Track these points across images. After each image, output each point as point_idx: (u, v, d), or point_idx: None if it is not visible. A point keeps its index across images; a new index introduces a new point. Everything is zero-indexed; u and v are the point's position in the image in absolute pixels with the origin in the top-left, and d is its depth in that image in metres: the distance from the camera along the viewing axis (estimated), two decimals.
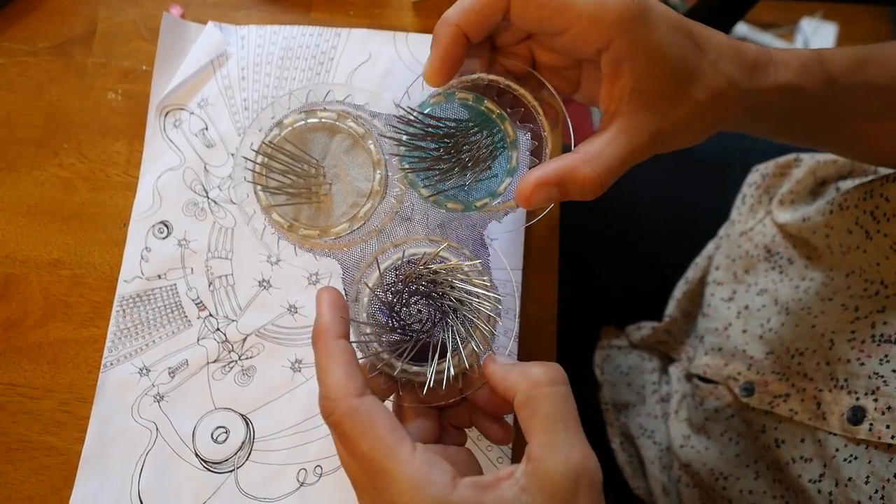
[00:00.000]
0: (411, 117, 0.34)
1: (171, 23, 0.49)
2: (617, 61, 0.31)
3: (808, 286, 0.52)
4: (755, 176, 0.65)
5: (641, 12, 0.30)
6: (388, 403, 0.34)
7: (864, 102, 0.38)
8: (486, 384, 0.33)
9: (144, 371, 0.45)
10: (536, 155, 0.35)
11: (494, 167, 0.35)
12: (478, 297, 0.33)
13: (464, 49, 0.33)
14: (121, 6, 0.51)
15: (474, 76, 0.36)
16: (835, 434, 0.41)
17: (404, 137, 0.34)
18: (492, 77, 0.36)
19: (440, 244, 0.35)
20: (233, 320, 0.46)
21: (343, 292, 0.33)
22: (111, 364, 0.45)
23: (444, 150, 0.34)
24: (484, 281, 0.34)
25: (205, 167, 0.48)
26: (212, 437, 0.44)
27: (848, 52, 0.37)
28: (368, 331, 0.34)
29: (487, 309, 0.33)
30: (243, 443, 0.44)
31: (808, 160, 0.60)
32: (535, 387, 0.29)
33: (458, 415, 0.36)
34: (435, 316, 0.34)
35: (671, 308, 0.67)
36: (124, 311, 0.45)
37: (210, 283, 0.46)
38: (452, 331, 0.33)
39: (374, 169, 0.35)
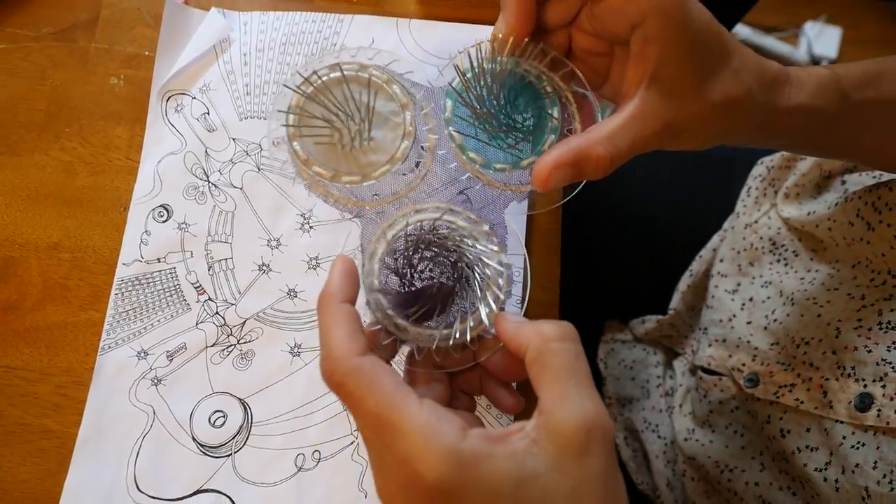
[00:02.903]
0: (485, 52, 0.33)
1: (175, 9, 0.49)
2: (646, 41, 0.32)
3: (813, 277, 0.52)
4: (760, 168, 0.64)
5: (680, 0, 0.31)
6: (400, 370, 0.33)
7: (876, 117, 0.38)
8: (500, 349, 0.33)
9: (142, 354, 0.44)
10: None
11: (524, 144, 0.35)
12: (490, 260, 0.33)
13: (534, 6, 0.33)
14: None
15: (512, 58, 0.35)
16: (841, 422, 0.41)
17: (468, 75, 0.33)
18: (526, 66, 0.35)
19: (459, 212, 0.34)
20: (232, 304, 0.45)
21: (360, 263, 0.33)
22: (109, 347, 0.44)
23: (490, 105, 0.34)
24: (495, 247, 0.33)
25: (206, 151, 0.48)
26: (209, 421, 0.43)
27: (861, 66, 0.38)
28: (377, 286, 0.33)
29: (500, 272, 0.33)
30: (241, 427, 0.43)
31: None
32: (547, 342, 0.28)
33: (470, 380, 0.35)
34: (452, 275, 0.33)
35: (675, 301, 0.66)
36: (123, 294, 0.45)
37: (210, 267, 0.46)
38: (469, 288, 0.33)
39: (403, 110, 0.34)
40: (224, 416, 0.43)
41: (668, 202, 0.72)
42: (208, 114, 0.48)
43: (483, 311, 0.32)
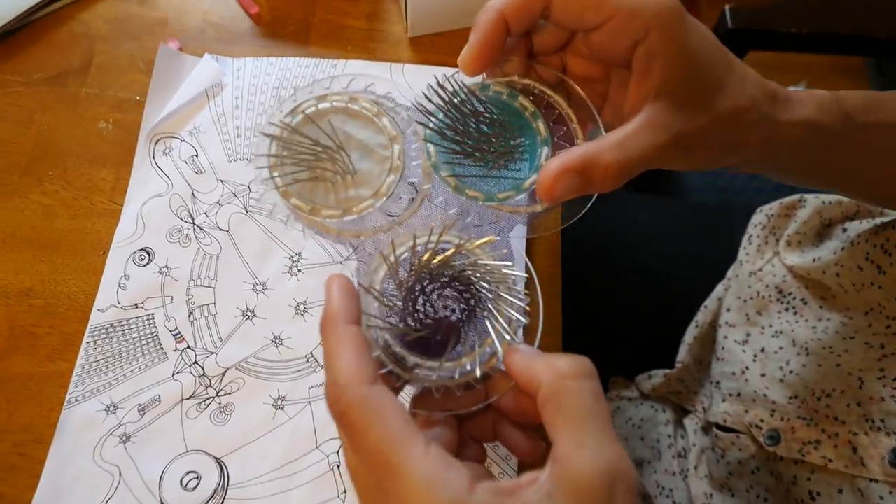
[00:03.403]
0: (448, 85, 0.32)
1: (167, 54, 0.49)
2: (650, 56, 0.31)
3: (826, 326, 0.49)
4: (760, 217, 0.63)
5: (679, 12, 0.31)
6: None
7: (880, 141, 0.37)
8: (513, 387, 0.30)
9: (111, 408, 0.41)
10: None
11: (520, 164, 0.33)
12: (500, 287, 0.30)
13: (503, 39, 0.32)
14: (119, 41, 0.52)
15: (507, 79, 0.34)
16: (876, 481, 0.37)
17: (432, 106, 0.32)
18: (525, 81, 0.34)
19: (463, 238, 0.31)
20: (212, 353, 0.42)
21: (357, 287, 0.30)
22: (76, 400, 0.41)
23: (467, 135, 0.33)
24: (509, 262, 0.31)
25: (192, 193, 0.46)
26: (181, 483, 0.39)
27: (861, 93, 0.37)
28: (375, 315, 0.30)
29: (513, 303, 0.30)
30: (216, 490, 0.39)
31: (813, 200, 0.59)
32: (561, 379, 0.26)
33: (481, 425, 0.32)
34: (460, 305, 0.31)
35: (682, 354, 0.63)
36: (95, 342, 0.42)
37: (190, 314, 0.43)
38: (479, 318, 0.30)
39: (392, 143, 0.33)
40: (197, 478, 0.39)
41: (666, 253, 0.71)
42: (197, 156, 0.47)
43: (496, 340, 0.29)
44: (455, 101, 0.32)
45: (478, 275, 0.30)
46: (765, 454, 0.47)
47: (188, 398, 0.41)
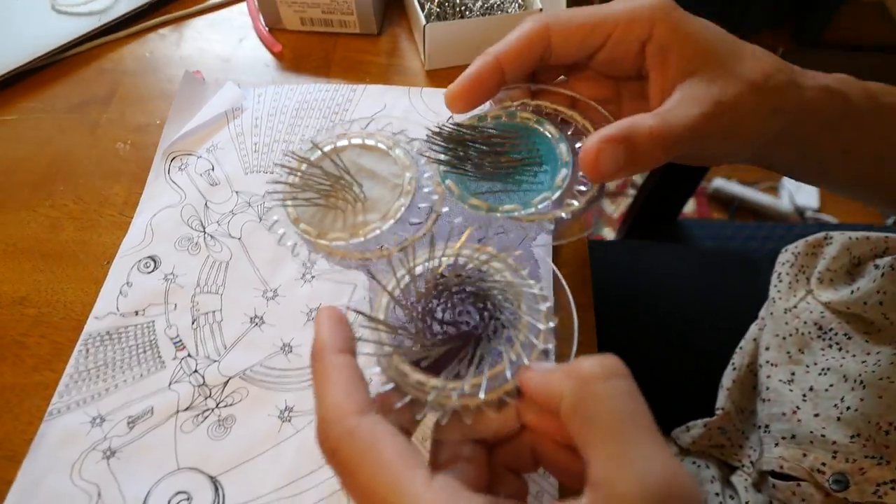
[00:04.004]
0: (446, 128, 0.32)
1: (190, 79, 0.50)
2: (663, 49, 0.32)
3: (878, 359, 0.46)
4: (786, 255, 0.62)
5: (672, 3, 0.32)
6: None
7: None
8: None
9: (97, 420, 0.36)
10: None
11: (541, 176, 0.33)
12: (518, 303, 0.27)
13: (495, 83, 0.33)
14: (144, 74, 0.53)
15: (517, 103, 0.35)
16: None
17: (438, 142, 0.32)
18: (537, 102, 0.35)
19: (479, 248, 0.29)
20: (215, 361, 0.38)
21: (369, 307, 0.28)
22: (58, 412, 0.36)
23: (475, 154, 0.33)
24: (530, 281, 0.28)
25: (206, 204, 0.45)
26: None
27: (878, 84, 0.38)
28: (385, 332, 0.27)
29: (537, 309, 0.27)
30: None
31: (839, 236, 0.57)
32: (585, 385, 0.21)
33: (517, 452, 0.26)
34: (480, 320, 0.28)
35: (722, 399, 0.58)
36: (88, 350, 0.39)
37: (194, 321, 0.40)
38: (501, 334, 0.26)
39: (404, 171, 0.33)
40: (188, 499, 0.34)
41: (688, 300, 0.69)
42: (213, 170, 0.46)
43: (506, 359, 0.25)
44: (454, 136, 0.33)
45: (495, 290, 0.28)
46: (833, 502, 0.42)
47: (184, 410, 0.37)
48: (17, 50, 0.52)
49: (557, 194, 0.32)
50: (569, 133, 0.34)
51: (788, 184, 1.65)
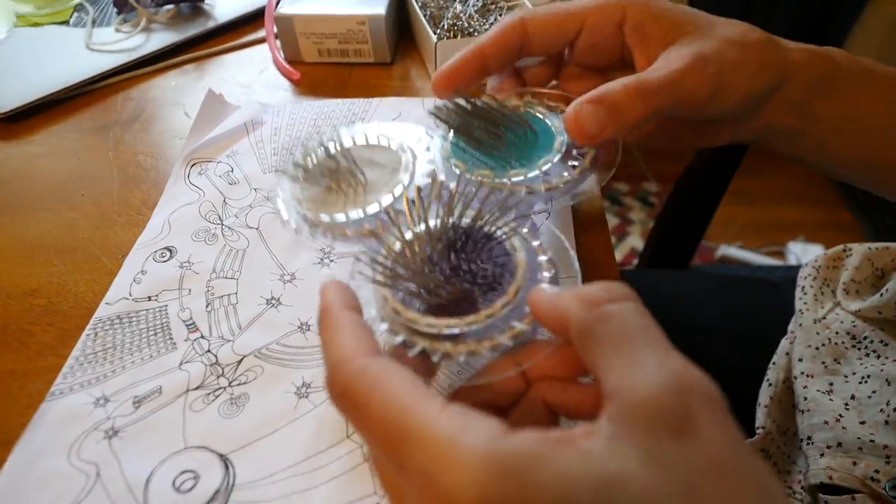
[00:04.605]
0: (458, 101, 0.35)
1: (213, 97, 0.52)
2: (640, 26, 0.34)
3: None
4: (808, 269, 0.61)
5: None
6: None
7: (893, 95, 0.37)
8: (552, 346, 0.25)
9: (101, 401, 0.34)
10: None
11: (536, 150, 0.35)
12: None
13: (476, 69, 0.36)
14: (168, 102, 0.56)
15: (520, 91, 0.38)
16: None
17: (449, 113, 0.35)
18: (523, 89, 0.38)
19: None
20: (229, 340, 0.36)
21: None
22: (61, 392, 0.34)
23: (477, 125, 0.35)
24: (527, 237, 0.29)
25: (224, 200, 0.45)
26: (173, 484, 0.30)
27: None
28: (387, 283, 0.27)
29: (539, 262, 0.28)
30: (217, 492, 0.30)
31: (859, 248, 0.57)
32: (595, 306, 0.21)
33: (530, 409, 0.25)
34: (483, 272, 0.28)
35: (761, 418, 0.55)
36: (97, 333, 0.37)
37: (208, 304, 0.38)
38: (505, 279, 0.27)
39: (402, 157, 0.35)
40: (195, 478, 0.31)
41: (717, 321, 0.67)
42: (232, 171, 0.47)
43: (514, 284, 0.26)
44: (463, 105, 0.35)
45: (496, 244, 0.29)
46: None
47: (195, 388, 0.34)
48: (49, 80, 0.55)
49: (558, 157, 0.34)
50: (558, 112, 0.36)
51: (794, 248, 1.66)
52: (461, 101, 0.35)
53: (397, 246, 0.28)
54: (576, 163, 0.34)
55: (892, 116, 0.36)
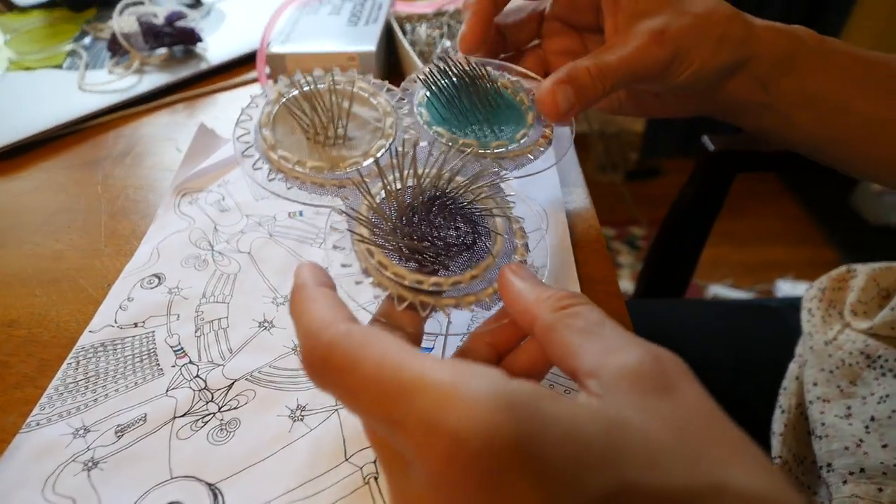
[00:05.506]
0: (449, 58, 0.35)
1: (205, 131, 0.52)
2: None
3: None
4: (812, 292, 0.61)
5: None
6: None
7: (856, 72, 0.37)
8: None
9: (81, 431, 0.32)
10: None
11: (510, 122, 0.35)
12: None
13: (492, 16, 0.37)
14: (159, 139, 0.55)
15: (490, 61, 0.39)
16: None
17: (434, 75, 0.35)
18: (486, 61, 0.38)
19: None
20: (219, 365, 0.35)
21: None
22: (37, 424, 0.32)
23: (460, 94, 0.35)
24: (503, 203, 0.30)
25: (215, 227, 0.44)
26: None
27: None
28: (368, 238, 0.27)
29: (513, 229, 0.30)
30: None
31: (864, 268, 0.57)
32: (561, 307, 0.22)
33: (528, 356, 0.26)
34: (464, 231, 0.28)
35: (777, 447, 0.53)
36: (78, 362, 0.35)
37: (197, 329, 0.37)
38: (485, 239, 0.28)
39: (385, 117, 0.34)
40: None
41: (720, 349, 0.66)
42: (223, 199, 0.46)
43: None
44: (448, 68, 0.36)
45: (474, 209, 0.29)
46: None
47: (182, 415, 0.32)
48: (40, 119, 0.55)
49: (532, 130, 0.35)
50: (522, 86, 0.37)
51: (783, 286, 1.66)
52: (447, 67, 0.35)
53: (378, 200, 0.28)
54: (549, 129, 0.36)
55: (854, 94, 0.37)
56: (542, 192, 0.45)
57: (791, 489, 0.17)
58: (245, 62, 0.66)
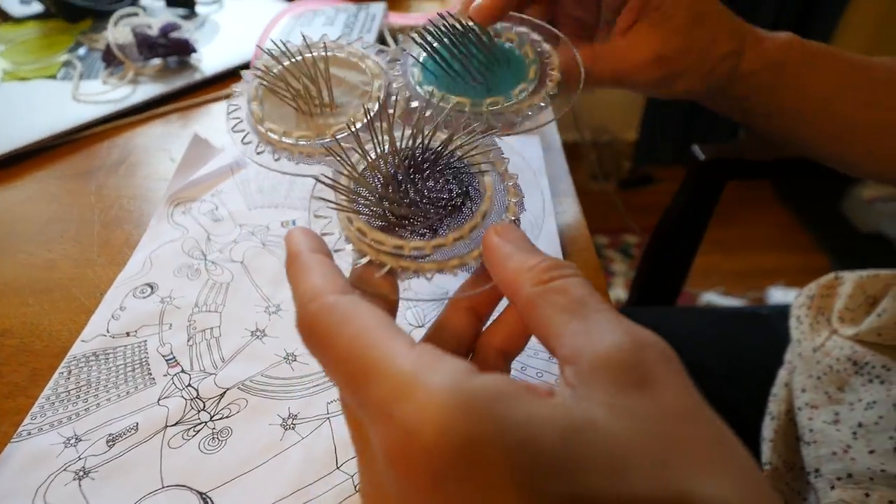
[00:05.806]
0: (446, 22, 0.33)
1: (199, 140, 0.52)
2: None
3: None
4: (801, 299, 0.61)
5: None
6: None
7: (852, 78, 0.38)
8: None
9: (72, 441, 0.32)
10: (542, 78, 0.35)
11: (509, 75, 0.34)
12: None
13: None
14: (153, 149, 0.56)
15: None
16: None
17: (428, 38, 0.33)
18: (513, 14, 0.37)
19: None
20: (211, 374, 0.35)
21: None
22: (28, 433, 0.32)
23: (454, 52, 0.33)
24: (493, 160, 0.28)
25: (208, 237, 0.44)
26: None
27: None
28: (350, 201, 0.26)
29: (506, 187, 0.28)
30: None
31: (850, 276, 0.58)
32: (546, 279, 0.21)
33: (508, 327, 0.25)
34: (452, 191, 0.27)
35: (767, 454, 0.54)
36: (70, 371, 0.35)
37: (189, 338, 0.37)
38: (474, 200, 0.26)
39: (373, 80, 0.33)
40: None
41: (710, 356, 0.66)
42: (216, 209, 0.46)
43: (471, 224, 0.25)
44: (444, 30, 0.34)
45: (464, 167, 0.28)
46: None
47: (174, 424, 0.32)
48: (34, 129, 0.55)
49: (533, 85, 0.33)
50: (530, 38, 0.35)
51: (775, 293, 1.67)
52: (442, 25, 0.33)
53: (361, 167, 0.27)
54: (545, 88, 0.34)
55: (835, 94, 0.38)
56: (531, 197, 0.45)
57: (766, 497, 0.16)
58: (239, 73, 0.66)
